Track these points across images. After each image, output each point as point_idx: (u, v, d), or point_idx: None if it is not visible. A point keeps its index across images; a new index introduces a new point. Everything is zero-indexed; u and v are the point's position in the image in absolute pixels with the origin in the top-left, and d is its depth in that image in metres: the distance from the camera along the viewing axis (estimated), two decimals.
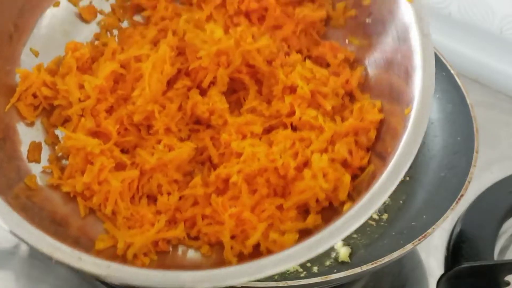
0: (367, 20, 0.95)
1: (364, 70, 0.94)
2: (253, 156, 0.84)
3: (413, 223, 1.03)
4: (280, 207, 0.84)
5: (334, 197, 0.85)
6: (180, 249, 0.86)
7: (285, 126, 0.89)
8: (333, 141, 0.87)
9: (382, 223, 1.08)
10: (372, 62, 0.94)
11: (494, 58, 1.43)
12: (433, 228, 0.96)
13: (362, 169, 0.87)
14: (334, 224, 0.77)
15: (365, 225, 1.06)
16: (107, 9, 0.99)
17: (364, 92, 0.93)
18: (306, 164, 0.85)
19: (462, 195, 1.00)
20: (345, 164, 0.87)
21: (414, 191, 1.10)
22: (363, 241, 1.05)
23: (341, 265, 1.02)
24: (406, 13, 0.89)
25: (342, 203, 0.85)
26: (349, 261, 1.02)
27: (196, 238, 0.86)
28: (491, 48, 1.43)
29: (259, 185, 0.84)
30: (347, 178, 0.84)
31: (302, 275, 0.99)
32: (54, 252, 0.75)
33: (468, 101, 1.13)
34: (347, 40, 0.97)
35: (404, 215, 1.07)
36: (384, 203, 1.08)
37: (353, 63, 0.96)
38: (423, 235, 0.95)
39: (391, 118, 0.88)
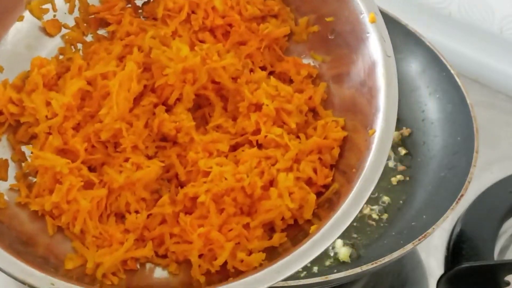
0: (330, 37, 0.96)
1: (326, 86, 0.96)
2: (220, 175, 0.86)
3: (413, 223, 1.04)
4: (246, 226, 0.86)
5: (299, 215, 0.87)
6: (148, 267, 0.87)
7: (251, 144, 0.91)
8: (298, 159, 0.89)
9: (382, 223, 1.10)
10: (335, 79, 0.96)
11: (494, 58, 1.45)
12: (433, 228, 0.97)
13: (326, 186, 0.89)
14: (302, 247, 0.79)
15: (365, 225, 1.09)
16: (71, 22, 0.98)
17: (327, 108, 0.95)
18: (272, 182, 0.87)
19: (462, 195, 1.02)
20: (309, 182, 0.88)
21: (414, 191, 1.11)
22: (363, 241, 1.07)
23: (341, 265, 1.03)
24: (369, 34, 0.90)
25: (307, 221, 0.87)
26: (349, 261, 1.04)
27: (164, 256, 0.87)
28: (491, 48, 1.45)
29: (226, 204, 0.85)
30: (312, 197, 0.86)
31: (302, 275, 1.00)
32: (27, 278, 0.76)
33: (468, 101, 1.14)
34: (309, 56, 0.99)
35: (404, 215, 1.09)
36: (384, 203, 1.11)
37: (316, 79, 0.97)
38: (423, 235, 0.97)
39: (354, 135, 0.90)
